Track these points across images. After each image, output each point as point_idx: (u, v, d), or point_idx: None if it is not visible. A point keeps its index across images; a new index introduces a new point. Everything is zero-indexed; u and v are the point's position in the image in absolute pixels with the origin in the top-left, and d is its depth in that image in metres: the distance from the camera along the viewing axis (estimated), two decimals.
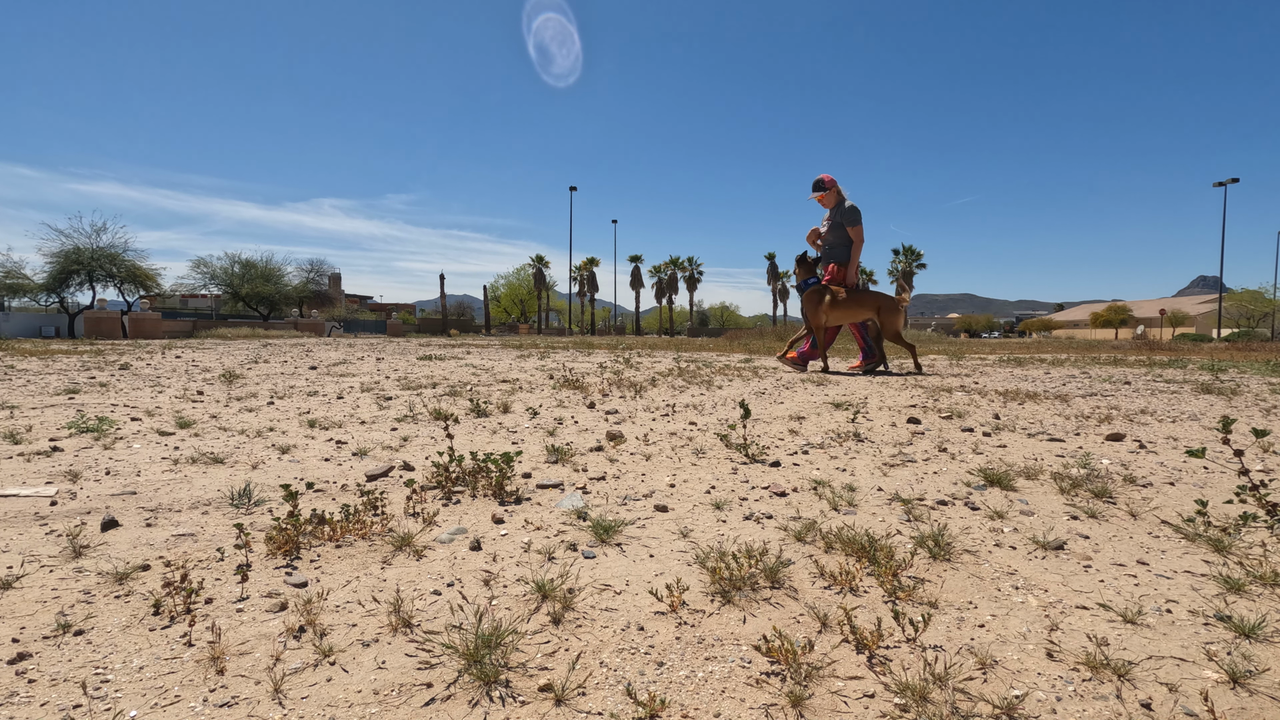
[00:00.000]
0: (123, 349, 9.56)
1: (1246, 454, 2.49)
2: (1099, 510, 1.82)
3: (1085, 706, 0.93)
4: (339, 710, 0.91)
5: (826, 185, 6.24)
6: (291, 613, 1.18)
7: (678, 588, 1.27)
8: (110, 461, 2.20)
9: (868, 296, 5.92)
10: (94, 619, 1.14)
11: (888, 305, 5.84)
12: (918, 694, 0.95)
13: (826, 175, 6.23)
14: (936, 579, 1.36)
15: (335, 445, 2.55)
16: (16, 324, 19.47)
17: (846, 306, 5.90)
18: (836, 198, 6.19)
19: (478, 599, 1.25)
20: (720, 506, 1.85)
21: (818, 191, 6.27)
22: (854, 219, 5.96)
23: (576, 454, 2.44)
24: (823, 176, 6.24)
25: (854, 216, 5.96)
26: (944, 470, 2.28)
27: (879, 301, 5.87)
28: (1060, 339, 27.77)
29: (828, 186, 6.24)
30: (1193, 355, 10.20)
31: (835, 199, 6.19)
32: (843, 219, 5.99)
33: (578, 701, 0.94)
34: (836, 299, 5.88)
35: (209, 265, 26.59)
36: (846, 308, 5.90)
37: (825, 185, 6.24)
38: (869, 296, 5.91)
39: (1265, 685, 0.98)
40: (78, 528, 1.54)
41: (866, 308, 5.91)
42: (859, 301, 5.91)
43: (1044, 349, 12.97)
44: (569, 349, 11.15)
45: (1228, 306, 42.55)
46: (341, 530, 1.55)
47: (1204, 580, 1.37)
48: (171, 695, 0.93)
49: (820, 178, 6.24)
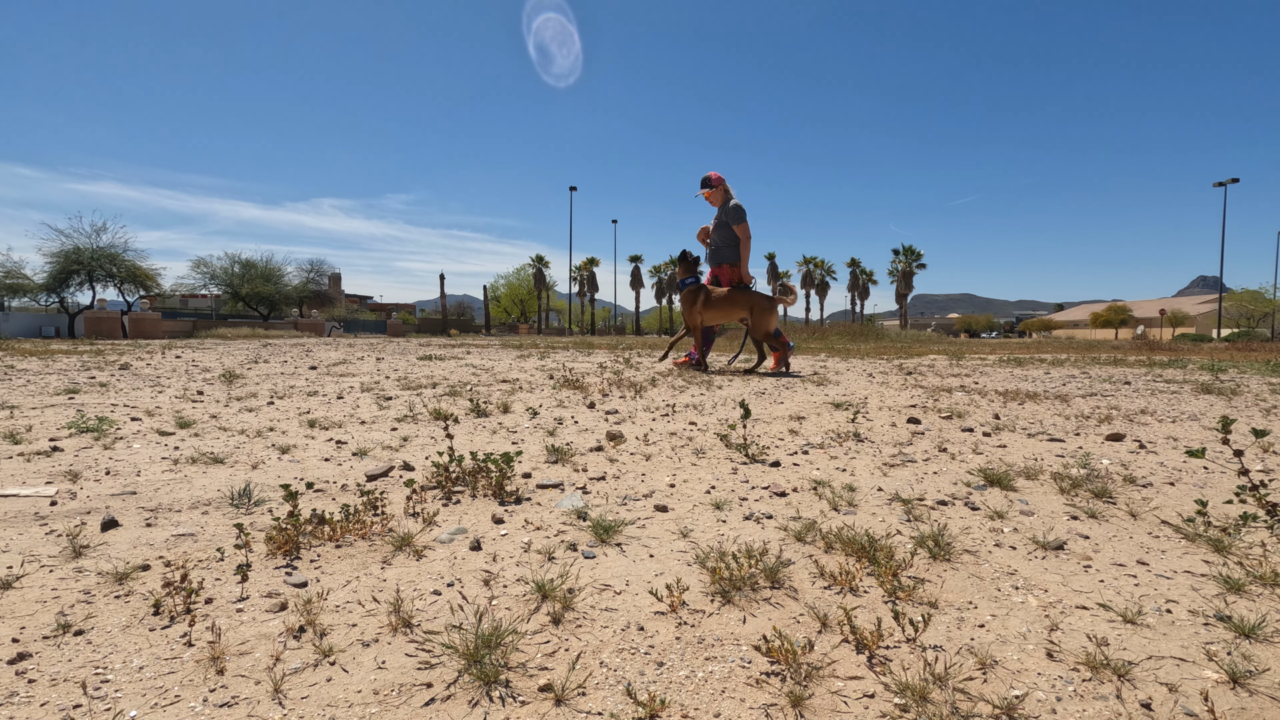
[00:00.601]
0: (123, 349, 9.56)
1: (1246, 454, 2.49)
2: (1099, 510, 1.82)
3: (1085, 706, 0.93)
4: (339, 710, 0.91)
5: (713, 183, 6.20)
6: (291, 613, 1.18)
7: (678, 588, 1.27)
8: (110, 461, 2.20)
9: (741, 296, 5.89)
10: (94, 619, 1.14)
11: (760, 305, 5.81)
12: (918, 694, 0.95)
13: (714, 173, 6.22)
14: (936, 579, 1.36)
15: (335, 445, 2.55)
16: (16, 324, 19.48)
17: (720, 306, 5.90)
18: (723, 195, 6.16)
19: (478, 599, 1.25)
20: (720, 506, 1.85)
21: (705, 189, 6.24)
22: (738, 217, 5.93)
23: (576, 454, 2.44)
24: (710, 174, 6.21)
25: (738, 215, 5.93)
26: (944, 470, 2.28)
27: (752, 301, 5.83)
28: (1060, 339, 27.79)
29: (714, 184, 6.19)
30: (1193, 355, 10.20)
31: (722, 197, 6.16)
32: (728, 218, 5.96)
33: (578, 701, 0.94)
34: (711, 299, 5.88)
35: (209, 265, 26.60)
36: (720, 308, 5.90)
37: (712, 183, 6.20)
38: (742, 296, 5.89)
39: (1265, 685, 0.98)
40: (78, 528, 1.54)
41: (739, 307, 5.89)
42: (732, 301, 5.89)
43: (1044, 349, 12.97)
44: (569, 349, 11.15)
45: (1228, 306, 42.55)
46: (341, 530, 1.55)
47: (1204, 580, 1.37)
48: (171, 695, 0.93)
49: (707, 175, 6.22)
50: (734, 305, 5.90)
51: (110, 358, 7.28)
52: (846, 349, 11.50)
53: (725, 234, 6.04)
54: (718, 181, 6.19)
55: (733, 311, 5.93)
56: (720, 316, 5.99)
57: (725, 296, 5.89)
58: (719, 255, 6.12)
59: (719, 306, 5.92)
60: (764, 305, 5.82)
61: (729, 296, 5.89)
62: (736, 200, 6.04)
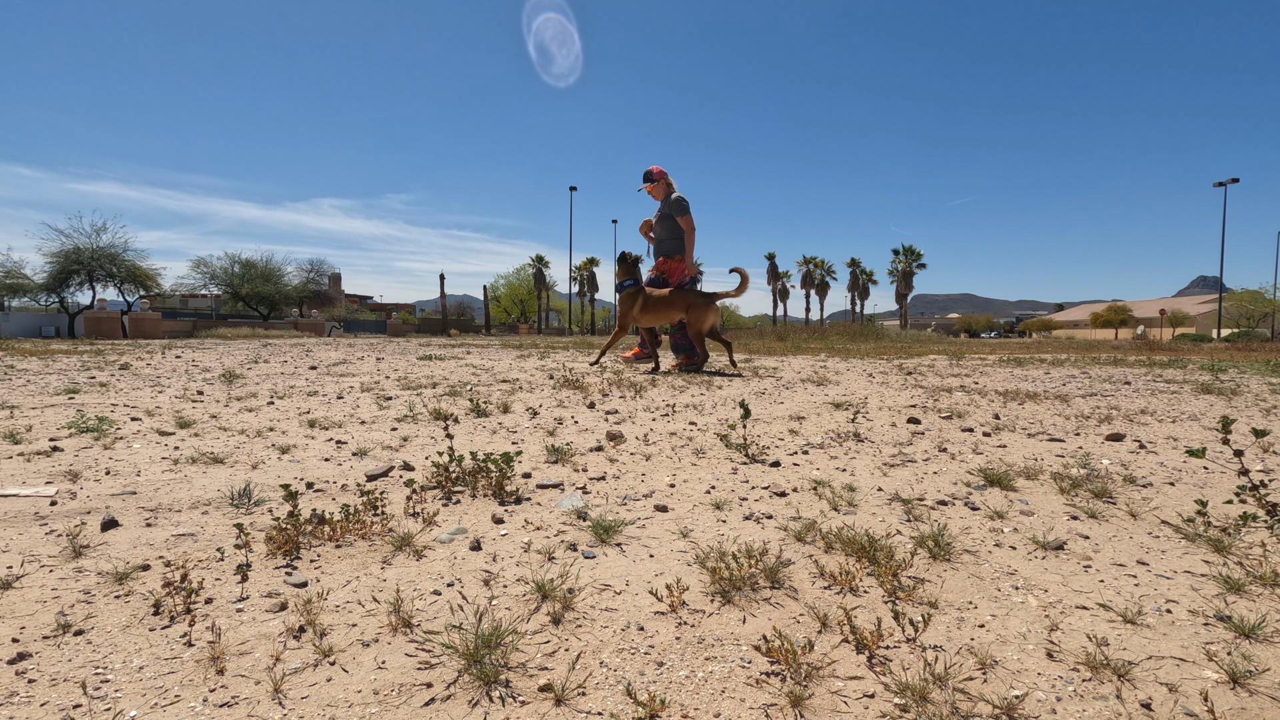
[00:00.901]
0: (123, 349, 9.56)
1: (1246, 454, 2.49)
2: (1099, 510, 1.82)
3: (1085, 706, 0.93)
4: (339, 710, 0.91)
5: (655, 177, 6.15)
6: (291, 613, 1.18)
7: (678, 588, 1.27)
8: (110, 461, 2.20)
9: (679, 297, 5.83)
10: (94, 619, 1.14)
11: (697, 304, 5.75)
12: (918, 694, 0.95)
13: (655, 167, 6.18)
14: (936, 579, 1.36)
15: (335, 445, 2.55)
16: (16, 324, 19.47)
17: (657, 309, 5.82)
18: (666, 189, 6.11)
19: (478, 599, 1.25)
20: (720, 506, 1.85)
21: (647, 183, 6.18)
22: (681, 209, 5.88)
23: (576, 454, 2.44)
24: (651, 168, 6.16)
25: (681, 207, 5.88)
26: (944, 470, 2.28)
27: (689, 300, 5.77)
28: (1060, 339, 27.80)
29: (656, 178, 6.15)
30: (1193, 355, 10.20)
31: (665, 190, 6.11)
32: (671, 210, 5.91)
33: (578, 701, 0.94)
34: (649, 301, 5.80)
35: (209, 265, 26.59)
36: (657, 310, 5.82)
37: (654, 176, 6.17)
38: (680, 297, 5.82)
39: (1265, 685, 0.98)
40: (78, 528, 1.54)
41: (676, 308, 5.82)
42: (669, 303, 5.82)
43: (1044, 349, 12.98)
44: (569, 349, 11.15)
45: (1228, 306, 42.55)
46: (341, 530, 1.55)
47: (1204, 580, 1.37)
48: (171, 695, 0.93)
49: (649, 169, 6.17)
50: (671, 307, 5.82)
51: (110, 358, 7.28)
52: (846, 349, 11.50)
53: (669, 226, 6.00)
54: (659, 175, 6.13)
55: (670, 313, 5.86)
56: (657, 319, 5.91)
57: (663, 299, 5.81)
58: (663, 248, 6.06)
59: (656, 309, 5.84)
60: (700, 304, 5.74)
61: (666, 299, 5.81)
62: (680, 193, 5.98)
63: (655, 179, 6.16)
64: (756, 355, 9.00)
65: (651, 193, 6.20)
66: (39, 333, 19.47)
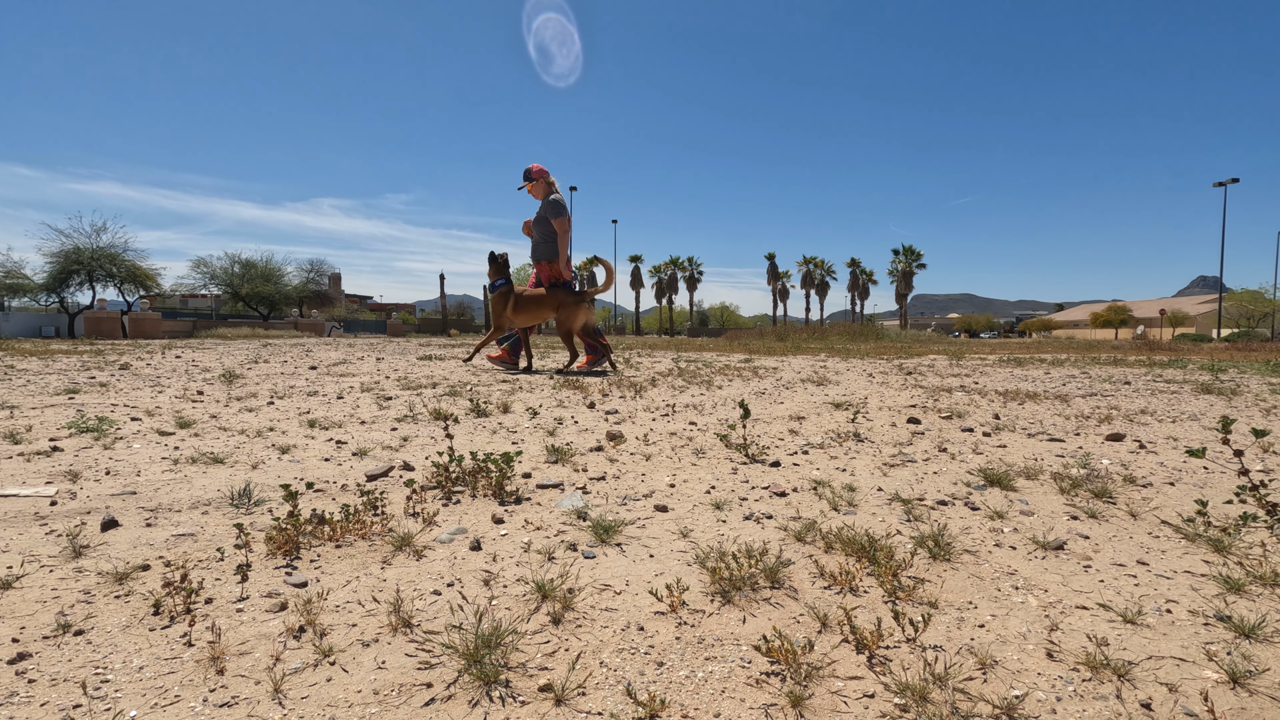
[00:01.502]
0: (123, 349, 9.56)
1: (1246, 454, 2.49)
2: (1099, 510, 1.82)
3: (1085, 706, 0.93)
4: (339, 710, 0.91)
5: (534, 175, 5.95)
6: (291, 613, 1.18)
7: (678, 588, 1.27)
8: (110, 461, 2.20)
9: (549, 296, 5.76)
10: (94, 619, 1.14)
11: (567, 303, 5.71)
12: (918, 694, 0.95)
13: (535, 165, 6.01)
14: (936, 579, 1.36)
15: (335, 445, 2.55)
16: (16, 324, 19.47)
17: (529, 309, 5.76)
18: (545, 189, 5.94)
19: (478, 599, 1.25)
20: (720, 506, 1.85)
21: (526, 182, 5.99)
22: (557, 211, 5.75)
23: (576, 454, 2.44)
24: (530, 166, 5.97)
25: (557, 209, 5.75)
26: (944, 470, 2.28)
27: (559, 299, 5.72)
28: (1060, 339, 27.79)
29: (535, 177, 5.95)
30: (1193, 355, 10.20)
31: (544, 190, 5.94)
32: (546, 212, 5.76)
33: (578, 701, 0.94)
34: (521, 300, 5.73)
35: (209, 265, 26.59)
36: (529, 310, 5.77)
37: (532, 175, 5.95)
38: (550, 296, 5.76)
39: (1265, 685, 0.98)
40: (78, 528, 1.54)
41: (548, 308, 5.77)
42: (540, 302, 5.76)
43: (1044, 349, 12.97)
44: None
45: (1228, 306, 42.56)
46: (341, 530, 1.55)
47: (1204, 580, 1.37)
48: (171, 695, 0.93)
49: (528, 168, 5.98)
50: (542, 306, 5.77)
51: (110, 358, 7.28)
52: (846, 349, 11.50)
53: (545, 229, 5.85)
54: (538, 174, 5.94)
55: (542, 312, 5.80)
56: (531, 318, 5.83)
57: (534, 297, 5.75)
58: (538, 252, 5.91)
59: (528, 309, 5.77)
60: (570, 303, 5.70)
61: (538, 298, 5.75)
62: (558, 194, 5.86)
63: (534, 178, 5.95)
64: (757, 355, 9.00)
65: (531, 192, 6.00)
66: (39, 333, 19.46)
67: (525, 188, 6.02)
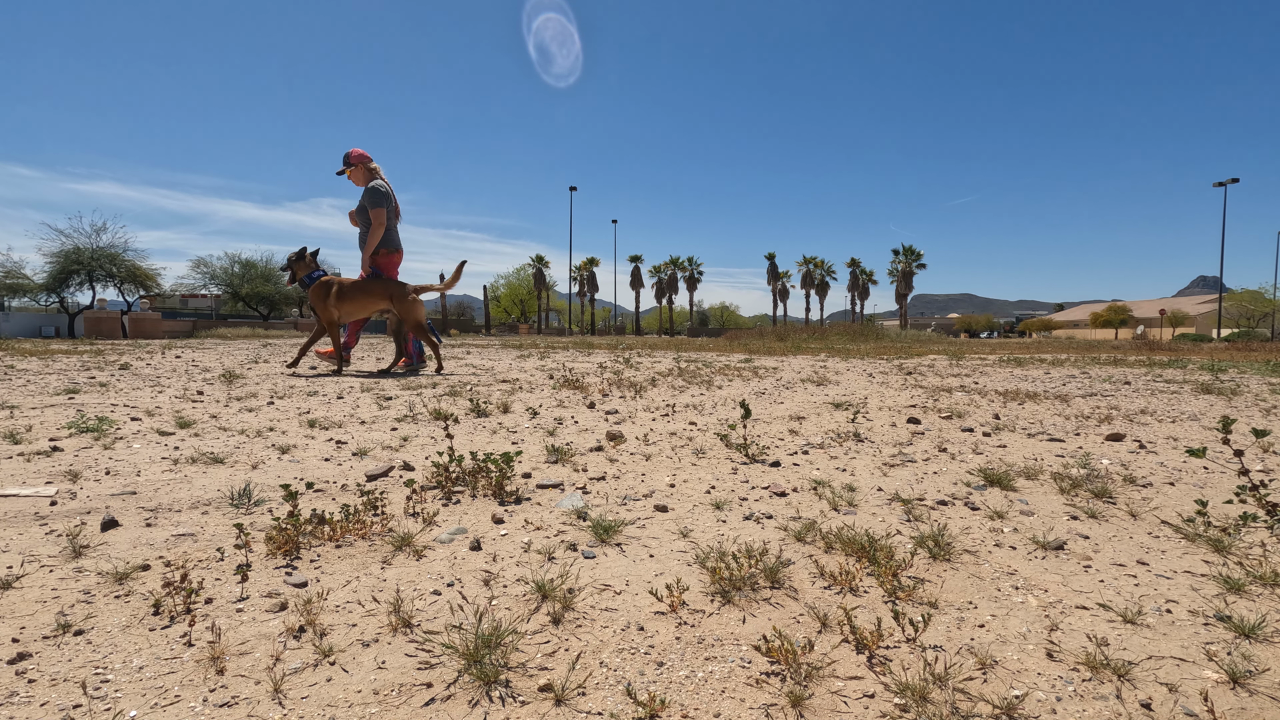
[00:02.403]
0: (123, 349, 9.56)
1: (1246, 454, 2.49)
2: (1099, 510, 1.82)
3: (1085, 706, 0.93)
4: (339, 710, 0.91)
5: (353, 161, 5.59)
6: (291, 613, 1.18)
7: (678, 588, 1.27)
8: (110, 461, 2.20)
9: (377, 285, 5.42)
10: (94, 619, 1.14)
11: (400, 294, 5.39)
12: (918, 694, 0.95)
13: (355, 149, 5.66)
14: (936, 579, 1.36)
15: (335, 445, 2.55)
16: (16, 324, 19.47)
17: (356, 298, 5.42)
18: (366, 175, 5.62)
19: (478, 599, 1.25)
20: (720, 506, 1.85)
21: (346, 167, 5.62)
22: (374, 201, 5.45)
23: (576, 454, 2.44)
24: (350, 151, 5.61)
25: (375, 198, 5.45)
26: (944, 470, 2.28)
27: (390, 290, 5.41)
28: (1060, 339, 27.80)
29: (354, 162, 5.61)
30: (1193, 355, 10.20)
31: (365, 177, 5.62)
32: (365, 201, 5.46)
33: (578, 701, 0.94)
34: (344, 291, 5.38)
35: (209, 265, 26.60)
36: (356, 299, 5.43)
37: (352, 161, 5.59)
38: (378, 285, 5.42)
39: (1265, 685, 0.98)
40: (78, 528, 1.54)
41: (377, 298, 5.44)
42: (368, 291, 5.42)
43: (1044, 349, 12.98)
44: (569, 349, 11.15)
45: (1228, 306, 42.57)
46: (341, 530, 1.55)
47: (1204, 580, 1.37)
48: (171, 695, 0.93)
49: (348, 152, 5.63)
50: (371, 296, 5.42)
51: (110, 358, 7.28)
52: (846, 349, 11.50)
53: (366, 219, 5.55)
54: (358, 159, 5.60)
55: (370, 303, 5.46)
56: (359, 309, 5.49)
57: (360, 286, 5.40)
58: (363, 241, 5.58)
59: (355, 298, 5.41)
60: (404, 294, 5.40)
61: (365, 286, 5.40)
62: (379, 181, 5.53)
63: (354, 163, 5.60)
64: (757, 355, 9.00)
65: (352, 178, 5.67)
66: (39, 333, 19.46)
67: (345, 173, 5.67)
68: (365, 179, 5.63)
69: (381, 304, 5.51)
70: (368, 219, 5.54)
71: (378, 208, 5.46)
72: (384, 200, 5.49)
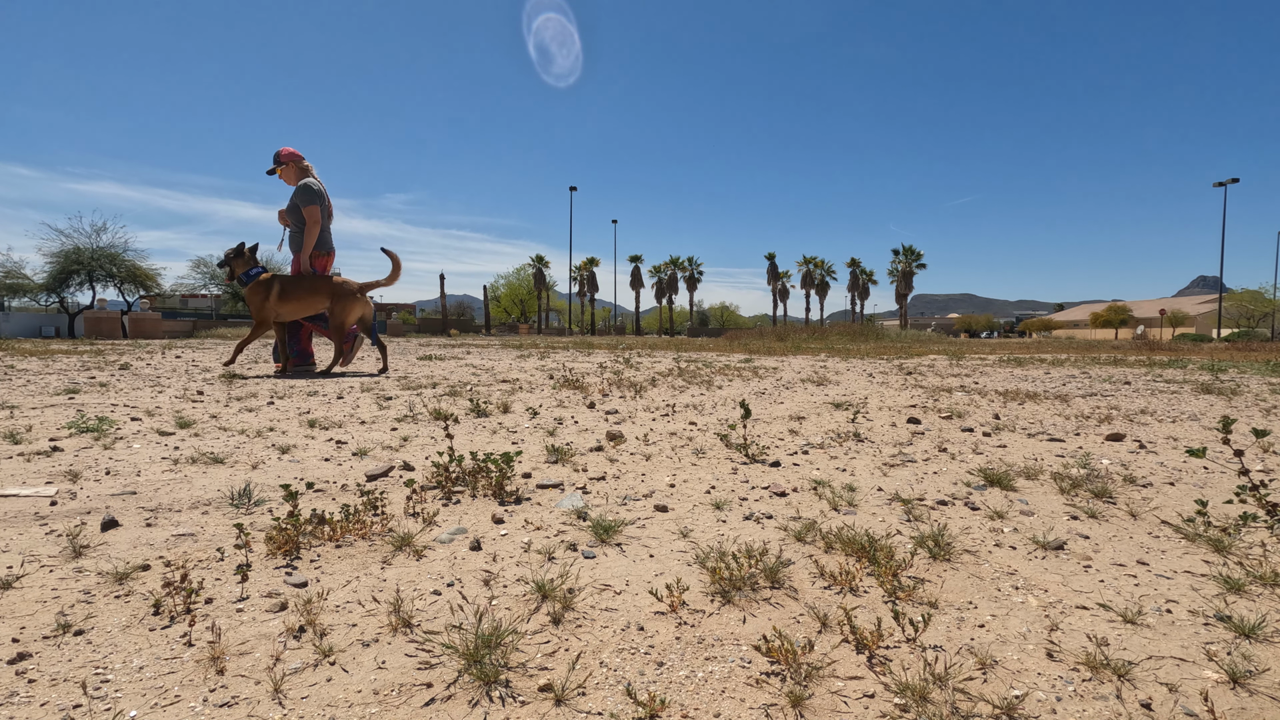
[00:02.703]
0: (123, 349, 9.56)
1: (1246, 454, 2.49)
2: (1099, 510, 1.82)
3: (1085, 706, 0.93)
4: (339, 710, 0.91)
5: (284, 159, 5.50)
6: (291, 613, 1.18)
7: (678, 588, 1.27)
8: (110, 461, 2.20)
9: (322, 284, 5.32)
10: (94, 619, 1.14)
11: (340, 294, 5.31)
12: (918, 694, 0.95)
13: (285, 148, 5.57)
14: (936, 579, 1.36)
15: (335, 445, 2.55)
16: (16, 324, 19.47)
17: (298, 297, 5.31)
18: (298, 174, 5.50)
19: (478, 599, 1.25)
20: (720, 506, 1.85)
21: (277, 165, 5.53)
22: (307, 199, 5.32)
23: (576, 454, 2.44)
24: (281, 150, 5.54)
25: (306, 196, 5.32)
26: (944, 470, 2.28)
27: (332, 290, 5.31)
28: (1060, 339, 27.80)
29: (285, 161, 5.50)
30: (1193, 355, 10.20)
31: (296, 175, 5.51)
32: (297, 200, 5.36)
33: (578, 701, 0.94)
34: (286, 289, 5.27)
35: (209, 265, 26.61)
36: (299, 298, 5.32)
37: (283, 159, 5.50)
38: (323, 284, 5.33)
39: (1265, 685, 0.98)
40: (78, 528, 1.54)
41: (321, 296, 5.34)
42: (313, 289, 5.31)
43: (1044, 349, 12.98)
44: (569, 349, 11.16)
45: (1228, 306, 42.57)
46: (341, 530, 1.55)
47: (1204, 580, 1.37)
48: (171, 695, 0.93)
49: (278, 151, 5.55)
50: (315, 294, 5.32)
51: (110, 358, 7.28)
52: (846, 349, 11.51)
53: (297, 218, 5.44)
54: (289, 158, 5.51)
55: (313, 301, 5.35)
56: (301, 309, 5.36)
57: (302, 284, 5.32)
58: (294, 242, 5.51)
59: (297, 297, 5.29)
60: (344, 294, 5.31)
61: (307, 284, 5.32)
62: (313, 180, 5.45)
63: (284, 161, 5.51)
64: (757, 355, 9.00)
65: (283, 177, 5.56)
66: (39, 333, 19.46)
67: (276, 172, 5.58)
68: (297, 177, 5.52)
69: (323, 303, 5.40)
70: (299, 218, 5.43)
71: (311, 205, 5.35)
72: (317, 199, 5.39)
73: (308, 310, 5.43)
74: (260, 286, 5.30)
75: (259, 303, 5.29)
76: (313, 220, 5.37)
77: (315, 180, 5.49)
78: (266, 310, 5.29)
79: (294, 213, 5.45)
